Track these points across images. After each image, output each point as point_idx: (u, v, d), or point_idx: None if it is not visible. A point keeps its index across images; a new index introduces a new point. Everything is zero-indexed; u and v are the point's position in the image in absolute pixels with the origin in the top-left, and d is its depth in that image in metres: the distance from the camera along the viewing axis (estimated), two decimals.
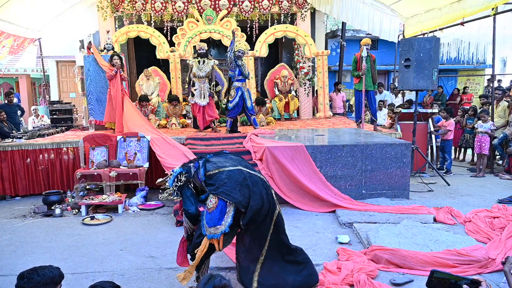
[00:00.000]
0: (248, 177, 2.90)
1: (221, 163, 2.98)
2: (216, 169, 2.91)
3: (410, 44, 6.49)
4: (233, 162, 3.00)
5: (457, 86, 15.27)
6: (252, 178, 2.92)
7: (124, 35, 9.17)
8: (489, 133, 7.45)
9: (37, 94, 16.95)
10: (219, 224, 2.84)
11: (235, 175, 2.88)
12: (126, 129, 6.88)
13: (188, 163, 3.07)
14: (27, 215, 5.53)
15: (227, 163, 2.97)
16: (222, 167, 2.93)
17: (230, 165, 2.94)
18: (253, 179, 2.92)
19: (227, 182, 2.84)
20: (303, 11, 9.67)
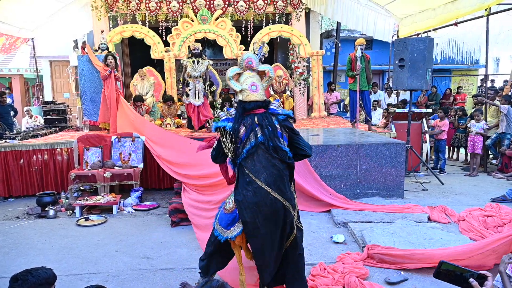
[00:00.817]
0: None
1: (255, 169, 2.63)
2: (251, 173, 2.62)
3: (404, 44, 6.52)
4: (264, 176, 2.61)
5: (451, 86, 15.38)
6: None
7: (119, 35, 9.13)
8: (482, 133, 7.50)
9: (30, 95, 16.83)
10: (227, 229, 2.71)
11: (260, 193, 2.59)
12: (120, 129, 6.85)
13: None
14: (20, 216, 5.49)
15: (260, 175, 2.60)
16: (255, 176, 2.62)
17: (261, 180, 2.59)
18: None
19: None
20: (298, 11, 9.69)
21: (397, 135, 7.18)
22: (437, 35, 9.47)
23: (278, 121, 2.66)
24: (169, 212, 4.91)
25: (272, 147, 2.58)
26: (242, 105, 2.68)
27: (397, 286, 3.30)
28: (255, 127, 2.60)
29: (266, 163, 2.58)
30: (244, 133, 2.61)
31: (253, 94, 2.67)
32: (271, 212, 2.57)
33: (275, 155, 2.59)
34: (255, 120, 2.62)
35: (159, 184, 6.68)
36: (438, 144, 7.83)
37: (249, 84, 2.69)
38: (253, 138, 2.58)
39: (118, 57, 7.77)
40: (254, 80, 2.72)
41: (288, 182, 2.66)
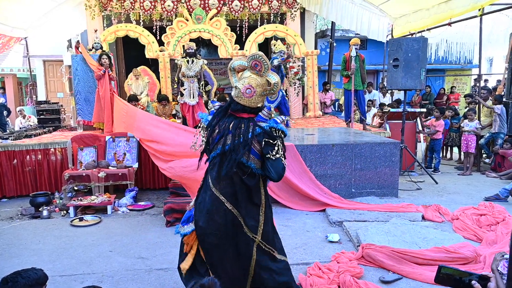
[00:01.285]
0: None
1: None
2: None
3: (399, 44, 6.55)
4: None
5: (445, 85, 15.47)
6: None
7: (113, 34, 9.09)
8: (476, 131, 7.56)
9: (23, 94, 16.70)
10: (183, 225, 2.64)
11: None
12: (117, 129, 6.82)
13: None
14: (14, 217, 5.45)
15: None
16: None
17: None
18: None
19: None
20: (293, 10, 9.70)
21: (392, 135, 7.21)
22: (431, 35, 9.53)
23: (253, 133, 2.37)
24: (164, 212, 4.89)
25: (234, 160, 2.34)
26: (230, 102, 2.47)
27: (391, 285, 3.32)
28: (228, 133, 2.39)
29: (225, 174, 2.38)
30: (217, 136, 2.45)
31: (245, 99, 2.40)
32: (223, 223, 2.43)
33: (231, 169, 2.36)
34: (230, 125, 2.40)
35: (153, 184, 6.66)
36: (433, 143, 7.88)
37: (245, 85, 2.39)
38: (221, 145, 2.41)
39: (112, 57, 7.74)
40: (253, 83, 2.39)
41: (247, 199, 2.45)
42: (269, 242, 2.56)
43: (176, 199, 5.14)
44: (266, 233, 2.53)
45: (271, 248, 2.56)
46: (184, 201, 4.98)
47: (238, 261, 2.50)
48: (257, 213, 2.51)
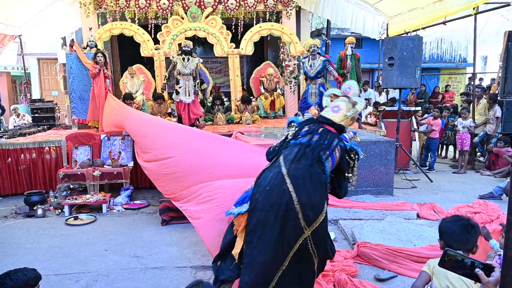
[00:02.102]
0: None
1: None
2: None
3: (394, 43, 6.57)
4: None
5: (440, 84, 15.56)
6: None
7: (108, 32, 9.04)
8: (469, 129, 7.60)
9: (18, 92, 16.59)
10: (235, 207, 2.68)
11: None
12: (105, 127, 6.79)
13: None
14: (8, 216, 5.42)
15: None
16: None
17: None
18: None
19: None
20: (289, 9, 9.69)
21: (387, 133, 7.23)
22: (425, 34, 9.55)
23: (338, 146, 2.62)
24: (160, 211, 4.88)
25: (315, 155, 2.52)
26: (322, 119, 2.75)
27: (386, 282, 3.34)
28: (316, 134, 2.63)
29: (299, 160, 2.52)
30: (305, 131, 2.68)
31: (332, 113, 2.75)
32: (278, 202, 2.43)
33: (312, 162, 2.51)
34: (319, 129, 2.66)
35: (149, 182, 6.61)
36: (430, 142, 7.92)
37: (333, 105, 2.79)
38: (307, 138, 2.62)
39: (107, 55, 7.70)
40: (341, 104, 2.77)
41: (312, 191, 2.46)
42: (316, 244, 2.50)
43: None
44: (316, 233, 2.48)
45: (314, 251, 2.51)
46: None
47: (277, 248, 2.43)
48: (319, 208, 2.48)
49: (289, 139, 2.70)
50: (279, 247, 2.43)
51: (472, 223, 2.20)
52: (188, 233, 4.52)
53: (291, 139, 2.69)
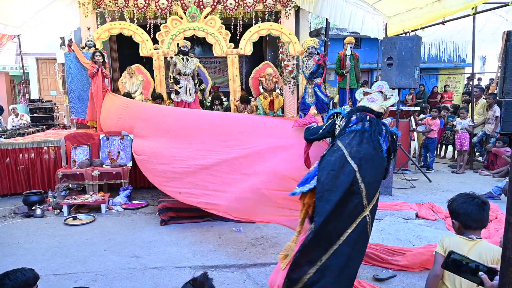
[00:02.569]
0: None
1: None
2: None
3: (393, 43, 6.58)
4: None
5: (438, 84, 15.57)
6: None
7: (106, 32, 9.02)
8: (468, 128, 7.61)
9: (16, 92, 16.56)
10: (298, 187, 2.86)
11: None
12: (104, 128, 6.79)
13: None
14: (7, 216, 5.41)
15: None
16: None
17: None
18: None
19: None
20: (287, 9, 9.68)
21: None
22: (424, 34, 9.56)
23: (386, 129, 2.93)
24: (159, 211, 4.88)
25: (373, 138, 2.82)
26: (357, 108, 3.08)
27: (385, 282, 3.34)
28: (365, 121, 2.91)
29: (358, 142, 2.80)
30: (355, 119, 2.95)
31: (368, 102, 3.07)
32: (345, 181, 2.65)
33: (372, 144, 2.79)
34: (367, 117, 2.93)
35: (148, 182, 6.58)
36: (428, 142, 7.92)
37: (369, 97, 3.13)
38: (360, 125, 2.89)
39: (106, 55, 7.69)
40: (375, 96, 3.12)
41: (373, 170, 2.75)
42: (371, 222, 2.77)
43: (171, 198, 5.12)
44: (373, 210, 2.77)
45: (369, 230, 2.76)
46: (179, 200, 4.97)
47: (340, 222, 2.65)
48: (377, 186, 2.81)
49: (342, 127, 2.96)
50: (341, 222, 2.65)
51: (484, 200, 2.23)
52: (187, 233, 4.52)
53: (344, 127, 2.94)
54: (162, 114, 5.87)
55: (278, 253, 3.89)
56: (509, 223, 1.50)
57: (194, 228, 4.70)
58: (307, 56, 7.09)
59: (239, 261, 3.77)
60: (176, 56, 7.39)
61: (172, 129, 5.13)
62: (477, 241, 2.08)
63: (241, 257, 3.87)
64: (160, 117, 5.76)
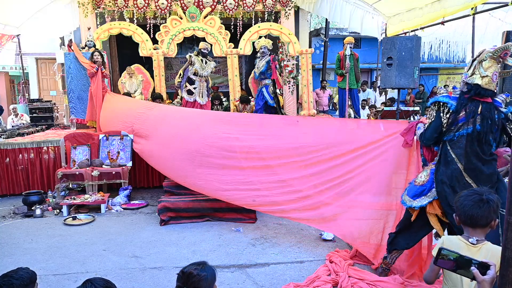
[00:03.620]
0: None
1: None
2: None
3: (392, 43, 6.58)
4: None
5: (438, 84, 15.59)
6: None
7: (106, 32, 9.02)
8: None
9: (16, 92, 16.55)
10: (413, 199, 2.96)
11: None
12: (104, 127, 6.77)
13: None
14: (6, 216, 5.40)
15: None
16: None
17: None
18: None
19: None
20: (287, 9, 9.69)
21: None
22: (424, 34, 9.57)
23: (499, 116, 2.74)
24: (159, 211, 4.88)
25: (485, 140, 2.71)
26: (478, 90, 2.73)
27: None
28: (477, 115, 2.70)
29: (471, 151, 2.74)
30: (464, 117, 2.75)
31: (493, 84, 2.74)
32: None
33: (483, 147, 2.72)
34: (478, 109, 2.71)
35: (147, 182, 6.64)
36: None
37: (492, 73, 2.74)
38: (471, 125, 2.72)
39: (105, 55, 7.69)
40: (497, 70, 2.76)
41: (486, 175, 2.73)
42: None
43: (170, 198, 5.13)
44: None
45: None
46: (178, 200, 4.98)
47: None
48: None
49: (448, 127, 2.80)
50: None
51: (486, 197, 2.07)
52: (187, 233, 4.52)
53: (452, 128, 2.79)
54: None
55: (278, 253, 3.92)
56: (509, 223, 1.50)
57: (193, 228, 4.70)
58: (260, 56, 7.05)
59: (239, 261, 3.77)
60: (196, 56, 7.35)
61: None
62: (478, 247, 1.96)
63: (241, 257, 3.87)
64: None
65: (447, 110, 2.83)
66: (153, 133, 5.53)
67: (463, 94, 2.81)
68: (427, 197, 2.89)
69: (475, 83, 2.74)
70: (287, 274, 3.51)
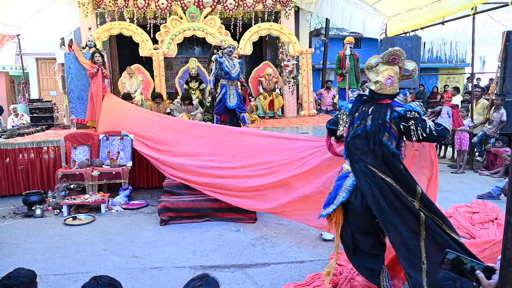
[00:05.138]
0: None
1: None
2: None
3: (392, 43, 6.59)
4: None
5: (438, 84, 15.57)
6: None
7: (106, 32, 9.02)
8: (468, 130, 7.61)
9: (16, 92, 16.55)
10: (324, 209, 2.96)
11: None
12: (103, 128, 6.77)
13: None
14: (6, 216, 5.41)
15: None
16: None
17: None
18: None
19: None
20: (287, 9, 9.69)
21: None
22: (424, 34, 9.57)
23: (391, 116, 2.75)
24: (159, 211, 4.88)
25: (373, 140, 2.73)
26: (372, 95, 2.83)
27: None
28: (367, 116, 2.78)
29: (367, 149, 2.77)
30: (357, 118, 2.85)
31: (387, 88, 2.79)
32: (380, 189, 2.70)
33: (375, 146, 2.73)
34: (369, 110, 2.79)
35: (147, 183, 6.64)
36: None
37: (385, 77, 2.78)
38: (362, 125, 2.78)
39: (105, 55, 7.68)
40: (391, 73, 2.80)
41: (391, 165, 2.73)
42: (429, 209, 2.69)
43: (170, 198, 5.13)
44: (424, 201, 2.69)
45: (434, 218, 2.68)
46: (178, 200, 4.98)
47: (405, 222, 2.68)
48: (411, 181, 2.72)
49: (350, 131, 2.86)
50: (407, 221, 2.68)
51: (460, 286, 1.97)
52: (187, 233, 4.52)
53: (351, 131, 2.85)
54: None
55: (278, 253, 3.92)
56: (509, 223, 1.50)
57: (193, 228, 4.70)
58: (226, 55, 6.77)
59: (239, 261, 3.77)
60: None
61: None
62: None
63: (241, 257, 3.87)
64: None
65: (343, 114, 2.99)
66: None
67: (359, 97, 2.92)
68: (333, 205, 2.88)
69: (370, 89, 2.86)
70: (287, 274, 3.52)
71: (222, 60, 6.75)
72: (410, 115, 2.73)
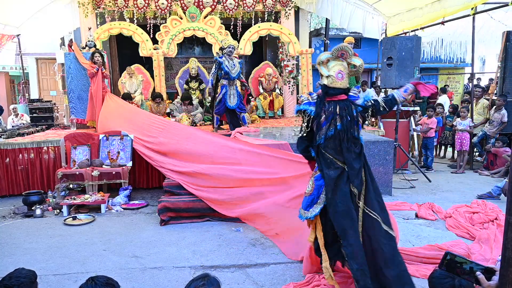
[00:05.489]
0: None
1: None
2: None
3: (392, 43, 6.58)
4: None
5: (438, 84, 15.55)
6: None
7: (106, 32, 9.03)
8: (468, 130, 7.61)
9: (16, 92, 16.55)
10: (307, 210, 2.98)
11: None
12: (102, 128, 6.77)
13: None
14: (6, 216, 5.40)
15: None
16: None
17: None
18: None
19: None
20: (287, 9, 9.70)
21: (386, 133, 7.24)
22: (424, 34, 9.57)
23: (356, 111, 2.87)
24: (159, 211, 4.88)
25: (347, 137, 2.81)
26: (326, 90, 2.88)
27: None
28: (335, 116, 2.82)
29: (341, 149, 2.83)
30: (325, 121, 2.85)
31: (338, 82, 2.85)
32: (349, 191, 2.80)
33: (349, 143, 2.82)
34: (336, 109, 2.83)
35: (147, 183, 6.64)
36: (426, 141, 7.92)
37: (336, 72, 2.85)
38: (333, 126, 2.82)
39: (105, 55, 7.68)
40: (341, 68, 2.86)
41: (359, 171, 2.83)
42: (369, 203, 2.86)
43: (170, 198, 5.12)
44: (370, 200, 2.85)
45: (373, 212, 2.84)
46: (178, 200, 4.98)
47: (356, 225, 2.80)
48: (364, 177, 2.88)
49: (320, 133, 2.86)
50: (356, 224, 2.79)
51: (458, 283, 2.03)
52: (187, 233, 4.52)
53: (319, 133, 2.86)
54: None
55: (278, 253, 3.92)
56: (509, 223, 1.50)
57: (194, 228, 4.70)
58: (226, 55, 6.77)
59: (239, 261, 3.77)
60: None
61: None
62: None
63: (241, 257, 3.87)
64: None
65: (308, 117, 2.95)
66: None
67: (319, 97, 2.95)
68: (318, 205, 2.92)
69: (322, 84, 2.91)
70: (287, 274, 3.52)
71: (222, 60, 6.75)
72: (368, 104, 2.92)
